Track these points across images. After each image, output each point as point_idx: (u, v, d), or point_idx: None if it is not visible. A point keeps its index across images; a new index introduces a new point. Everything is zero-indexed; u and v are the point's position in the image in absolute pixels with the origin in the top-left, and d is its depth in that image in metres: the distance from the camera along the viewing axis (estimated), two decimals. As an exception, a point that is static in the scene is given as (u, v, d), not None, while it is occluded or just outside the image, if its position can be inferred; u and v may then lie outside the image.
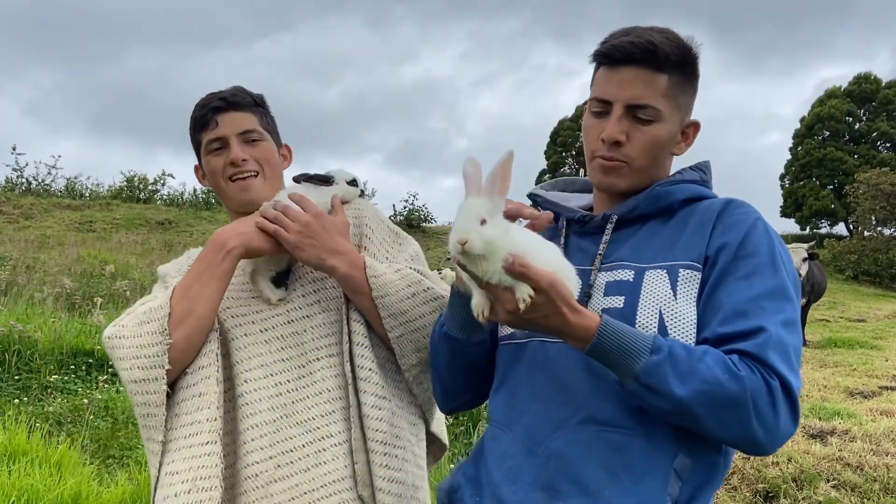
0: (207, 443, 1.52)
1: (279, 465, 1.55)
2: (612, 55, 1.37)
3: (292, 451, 1.57)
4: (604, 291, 1.36)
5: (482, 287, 1.19)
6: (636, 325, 1.28)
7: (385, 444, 1.60)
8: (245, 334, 1.67)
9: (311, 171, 1.82)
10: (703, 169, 1.50)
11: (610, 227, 1.42)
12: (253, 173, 1.73)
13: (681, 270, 1.32)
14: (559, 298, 1.15)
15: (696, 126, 1.46)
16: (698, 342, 1.27)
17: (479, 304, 1.22)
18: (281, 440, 1.58)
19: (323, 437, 1.59)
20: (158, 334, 1.55)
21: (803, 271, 11.24)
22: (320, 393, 1.63)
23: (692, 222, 1.37)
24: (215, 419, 1.54)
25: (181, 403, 1.58)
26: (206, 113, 1.72)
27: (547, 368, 1.35)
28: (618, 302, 1.33)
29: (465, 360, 1.48)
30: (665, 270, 1.32)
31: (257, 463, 1.55)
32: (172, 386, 1.59)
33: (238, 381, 1.63)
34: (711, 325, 1.26)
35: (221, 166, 1.72)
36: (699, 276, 1.31)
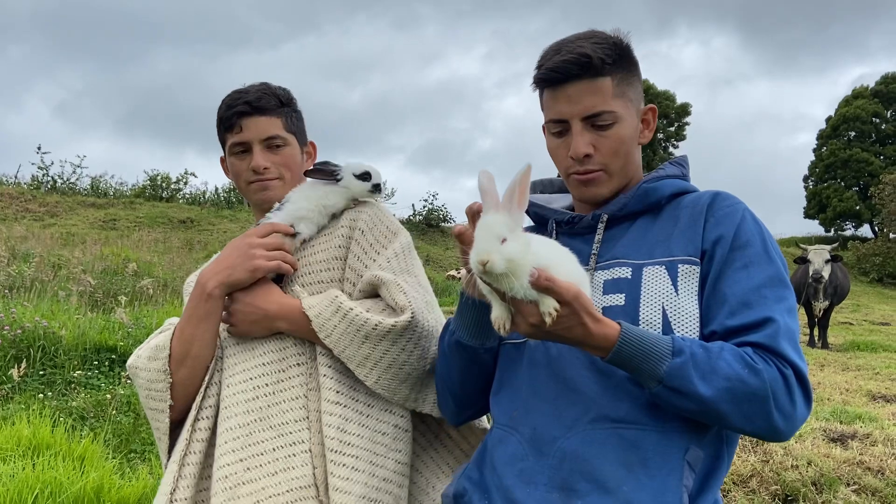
0: (173, 462, 1.63)
1: (248, 468, 1.56)
2: (551, 78, 1.40)
3: (262, 454, 1.58)
4: (602, 290, 1.37)
5: (505, 301, 1.19)
6: (640, 322, 1.30)
7: (333, 451, 1.56)
8: (236, 342, 1.71)
9: (322, 162, 1.75)
10: (682, 163, 1.53)
11: (601, 226, 1.44)
12: (272, 179, 1.76)
13: (680, 265, 1.34)
14: (583, 310, 1.16)
15: (653, 110, 1.49)
16: (705, 335, 1.29)
17: (499, 317, 1.21)
18: (252, 443, 1.58)
19: (294, 443, 1.59)
20: (162, 373, 1.67)
21: (826, 273, 11.11)
22: (296, 398, 1.63)
23: (683, 217, 1.39)
24: (185, 440, 1.64)
25: (168, 414, 1.69)
26: (232, 116, 1.74)
27: (549, 368, 1.36)
28: (618, 300, 1.34)
29: (477, 367, 1.48)
30: (664, 266, 1.34)
31: (228, 465, 1.56)
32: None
33: (223, 387, 1.67)
34: (719, 318, 1.28)
35: (243, 170, 1.77)
36: (698, 270, 1.33)
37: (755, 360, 1.21)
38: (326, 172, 1.73)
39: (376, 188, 1.74)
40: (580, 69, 1.36)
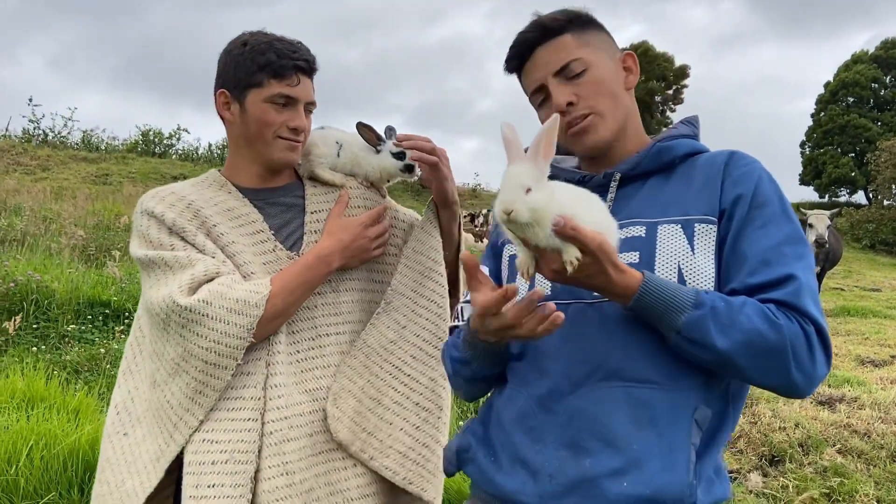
0: (249, 419, 1.60)
1: (292, 427, 1.63)
2: (518, 55, 1.47)
3: (301, 415, 1.66)
4: (617, 249, 1.35)
5: (528, 248, 1.21)
6: None
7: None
8: None
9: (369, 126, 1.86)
10: (693, 123, 1.52)
11: (614, 184, 1.44)
12: (301, 142, 1.78)
13: (696, 225, 1.33)
14: (606, 260, 1.17)
15: (632, 56, 1.50)
16: (726, 293, 1.29)
17: (523, 261, 1.24)
18: (292, 404, 1.65)
19: (325, 408, 1.70)
20: (246, 330, 1.58)
21: (828, 238, 11.17)
22: (328, 366, 1.73)
23: (698, 176, 1.39)
24: (259, 398, 1.62)
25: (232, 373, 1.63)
26: (291, 67, 1.69)
27: (561, 329, 1.33)
28: (633, 257, 1.33)
29: (496, 376, 1.50)
30: (679, 225, 1.33)
31: (273, 422, 1.61)
32: None
33: (271, 344, 1.69)
34: (740, 277, 1.29)
35: (277, 123, 1.72)
36: (715, 230, 1.33)
37: (777, 316, 1.21)
38: (375, 135, 1.86)
39: (408, 169, 1.85)
40: (539, 34, 1.44)
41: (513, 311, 1.24)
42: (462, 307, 1.57)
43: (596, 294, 1.32)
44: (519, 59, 1.48)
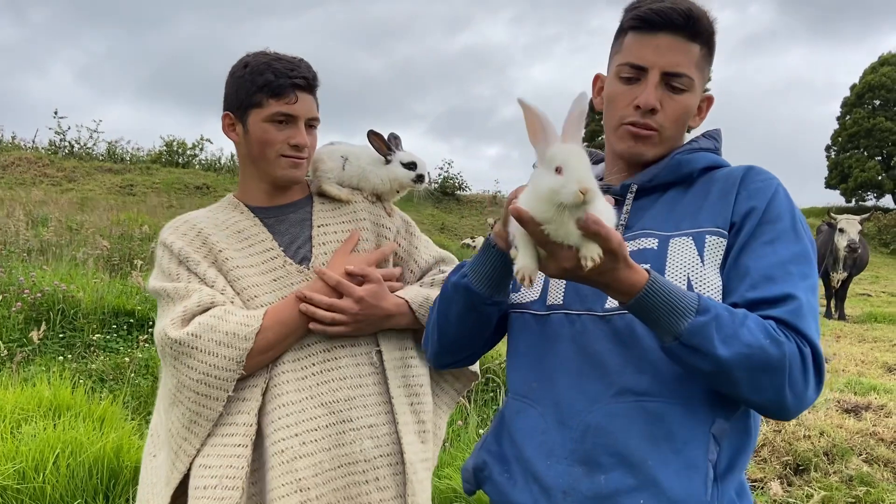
0: (239, 445, 1.61)
1: (304, 443, 1.62)
2: (650, 20, 1.37)
3: (316, 430, 1.65)
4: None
5: (542, 244, 1.13)
6: None
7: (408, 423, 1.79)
8: None
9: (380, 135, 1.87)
10: (715, 137, 1.50)
11: (630, 196, 1.42)
12: (305, 158, 1.79)
13: (707, 237, 1.32)
14: (621, 258, 1.13)
15: (709, 100, 1.48)
16: None
17: (525, 266, 1.15)
18: (305, 419, 1.64)
19: (343, 421, 1.68)
20: (235, 362, 1.60)
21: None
22: (343, 378, 1.71)
23: (714, 190, 1.37)
24: (251, 425, 1.62)
25: (225, 403, 1.63)
26: (288, 86, 1.71)
27: (573, 342, 1.34)
28: None
29: (475, 315, 1.44)
30: (691, 237, 1.32)
31: (283, 440, 1.61)
32: None
33: (273, 366, 1.69)
34: (740, 290, 1.26)
35: (279, 141, 1.74)
36: (725, 243, 1.31)
37: (778, 333, 1.19)
38: (385, 146, 1.88)
39: (419, 178, 1.88)
40: (683, 21, 1.35)
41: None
42: None
43: (608, 307, 1.31)
44: (646, 26, 1.37)
